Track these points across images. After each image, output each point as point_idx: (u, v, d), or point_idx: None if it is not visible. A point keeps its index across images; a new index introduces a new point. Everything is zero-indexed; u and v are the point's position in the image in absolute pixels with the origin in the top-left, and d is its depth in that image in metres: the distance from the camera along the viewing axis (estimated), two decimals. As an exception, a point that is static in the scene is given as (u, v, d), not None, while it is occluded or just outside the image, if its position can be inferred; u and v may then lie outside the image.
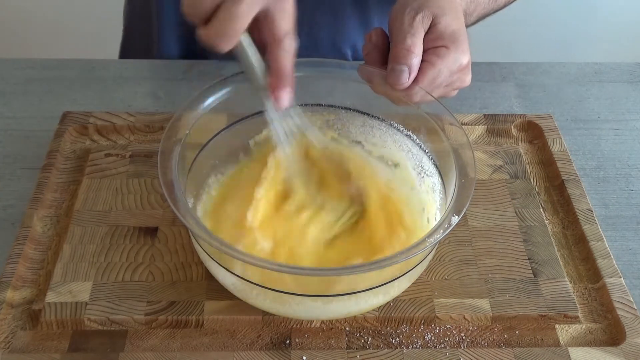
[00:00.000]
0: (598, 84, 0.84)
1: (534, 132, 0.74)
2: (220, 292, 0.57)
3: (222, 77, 0.59)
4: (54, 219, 0.63)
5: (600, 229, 0.63)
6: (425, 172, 0.61)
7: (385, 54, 0.58)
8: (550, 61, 0.88)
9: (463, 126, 0.60)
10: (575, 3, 1.74)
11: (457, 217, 0.50)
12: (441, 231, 0.49)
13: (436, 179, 0.59)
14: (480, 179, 0.68)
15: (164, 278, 0.58)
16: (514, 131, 0.74)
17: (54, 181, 0.66)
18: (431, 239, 0.49)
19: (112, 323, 0.55)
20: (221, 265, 0.52)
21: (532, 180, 0.69)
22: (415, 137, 0.62)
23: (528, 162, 0.71)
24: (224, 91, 0.59)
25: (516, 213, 0.65)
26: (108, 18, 1.65)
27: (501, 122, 0.74)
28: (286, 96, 0.53)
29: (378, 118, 0.63)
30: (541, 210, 0.66)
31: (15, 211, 0.65)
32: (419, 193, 0.61)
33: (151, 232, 0.62)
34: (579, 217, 0.64)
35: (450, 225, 0.50)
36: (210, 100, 0.59)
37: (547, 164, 0.71)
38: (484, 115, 0.75)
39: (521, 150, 0.72)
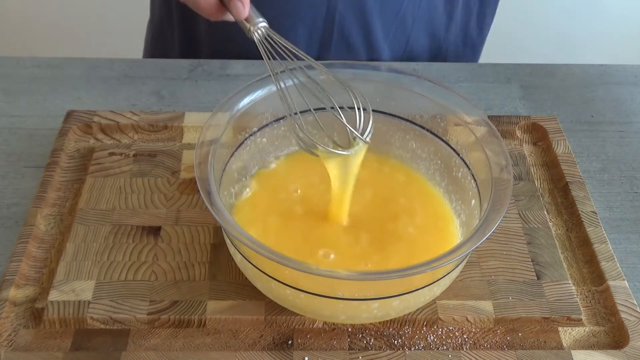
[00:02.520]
0: (603, 86, 0.84)
1: (538, 133, 0.74)
2: (222, 292, 0.57)
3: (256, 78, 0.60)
4: (58, 218, 0.63)
5: (604, 232, 0.63)
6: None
7: None
8: (555, 63, 0.88)
9: (467, 126, 0.59)
10: (581, 4, 1.74)
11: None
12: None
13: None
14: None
15: (167, 277, 0.58)
16: (518, 133, 0.74)
17: (57, 180, 0.66)
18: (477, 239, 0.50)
19: (115, 322, 0.55)
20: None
21: (536, 182, 0.69)
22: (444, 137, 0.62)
23: (532, 164, 0.71)
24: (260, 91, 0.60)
25: (520, 215, 0.65)
26: (112, 17, 1.65)
27: (505, 123, 0.74)
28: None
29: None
30: (545, 212, 0.65)
31: (19, 209, 0.65)
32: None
33: (154, 231, 0.62)
34: (583, 220, 0.64)
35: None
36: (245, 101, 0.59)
37: (551, 165, 0.71)
38: (489, 116, 0.74)
39: (525, 152, 0.72)
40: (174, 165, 0.68)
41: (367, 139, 0.54)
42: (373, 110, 0.57)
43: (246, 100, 0.59)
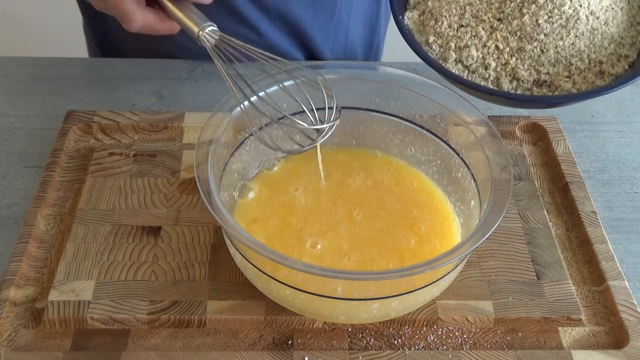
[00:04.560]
0: (603, 86, 0.84)
1: (538, 133, 0.74)
2: (222, 292, 0.57)
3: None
4: (58, 218, 0.63)
5: (604, 232, 0.63)
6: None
7: None
8: (555, 63, 0.88)
9: (467, 126, 0.59)
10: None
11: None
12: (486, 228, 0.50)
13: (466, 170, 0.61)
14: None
15: (167, 277, 0.58)
16: (518, 133, 0.74)
17: (57, 180, 0.66)
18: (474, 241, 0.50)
19: (115, 322, 0.55)
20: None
21: (536, 182, 0.69)
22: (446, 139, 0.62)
23: (532, 164, 0.71)
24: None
25: (520, 215, 0.65)
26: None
27: (505, 123, 0.74)
28: None
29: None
30: (545, 212, 0.65)
31: (19, 209, 0.65)
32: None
33: (154, 231, 0.62)
34: (583, 220, 0.64)
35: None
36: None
37: (551, 165, 0.71)
38: (489, 116, 0.75)
39: (525, 152, 0.72)
40: (174, 165, 0.68)
41: (335, 122, 0.54)
42: (373, 111, 0.57)
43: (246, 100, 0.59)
